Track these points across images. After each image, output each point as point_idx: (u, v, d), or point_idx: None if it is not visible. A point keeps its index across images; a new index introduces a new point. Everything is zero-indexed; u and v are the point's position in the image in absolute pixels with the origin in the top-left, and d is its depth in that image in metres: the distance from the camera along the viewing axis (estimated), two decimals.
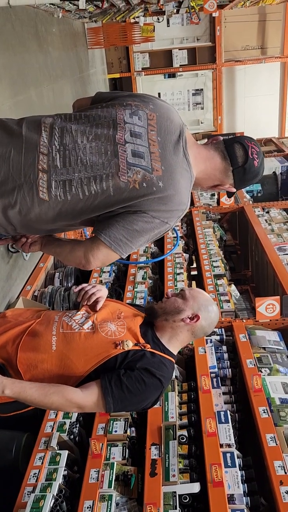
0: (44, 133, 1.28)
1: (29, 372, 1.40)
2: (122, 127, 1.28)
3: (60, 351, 1.40)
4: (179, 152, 1.31)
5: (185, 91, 9.31)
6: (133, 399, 1.36)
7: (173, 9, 5.93)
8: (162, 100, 1.40)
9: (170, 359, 1.45)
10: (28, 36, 3.85)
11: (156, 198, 1.26)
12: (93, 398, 1.34)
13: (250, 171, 1.38)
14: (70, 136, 1.27)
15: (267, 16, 8.84)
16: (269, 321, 2.46)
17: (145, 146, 1.27)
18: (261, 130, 8.23)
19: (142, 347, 1.40)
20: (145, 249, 3.36)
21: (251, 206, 4.14)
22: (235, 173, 1.38)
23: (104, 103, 1.35)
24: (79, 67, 6.09)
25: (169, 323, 1.47)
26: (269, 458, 1.64)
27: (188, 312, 1.46)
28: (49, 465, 1.69)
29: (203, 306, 1.49)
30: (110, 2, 4.34)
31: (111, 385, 1.33)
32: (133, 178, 1.24)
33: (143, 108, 1.32)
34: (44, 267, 3.29)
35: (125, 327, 1.44)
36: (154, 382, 1.37)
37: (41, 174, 1.24)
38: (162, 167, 1.27)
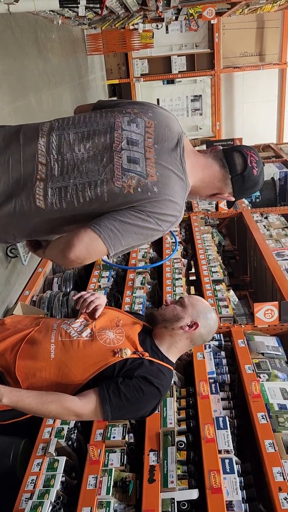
0: (41, 141, 1.28)
1: (28, 380, 1.40)
2: (119, 134, 1.28)
3: (58, 359, 1.39)
4: (175, 160, 1.31)
5: (183, 97, 9.36)
6: (131, 407, 1.35)
7: (172, 16, 5.98)
8: (163, 108, 1.40)
9: (168, 367, 1.44)
10: (27, 42, 3.87)
11: (151, 201, 1.26)
12: (91, 406, 1.33)
13: (249, 179, 1.37)
14: (68, 144, 1.27)
15: (265, 23, 8.91)
16: (268, 326, 2.46)
17: (141, 152, 1.27)
18: (259, 136, 8.27)
19: (141, 355, 1.40)
20: (144, 255, 3.36)
21: (249, 211, 4.15)
22: (233, 181, 1.37)
23: (104, 110, 1.36)
24: (78, 73, 6.12)
25: (168, 331, 1.47)
26: (268, 464, 1.64)
27: (187, 319, 1.46)
28: (47, 471, 1.68)
29: (202, 314, 1.48)
30: (110, 9, 4.37)
31: (109, 393, 1.33)
32: (128, 183, 1.24)
33: (142, 115, 1.32)
34: (42, 272, 3.29)
35: (124, 335, 1.44)
36: (152, 391, 1.36)
37: (38, 182, 1.25)
38: (157, 173, 1.27)
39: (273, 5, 5.96)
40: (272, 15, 8.28)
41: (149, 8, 4.53)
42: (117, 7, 4.32)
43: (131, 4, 4.23)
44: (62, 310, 2.89)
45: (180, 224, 4.05)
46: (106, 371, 1.37)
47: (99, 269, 3.21)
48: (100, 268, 3.22)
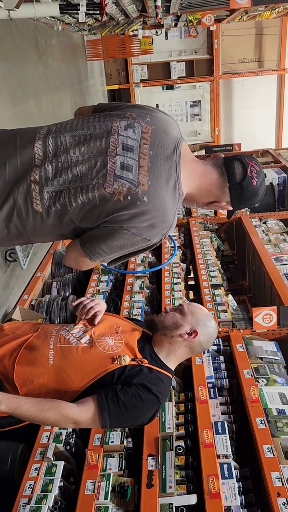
0: (38, 144, 1.28)
1: (26, 387, 1.39)
2: (115, 139, 1.27)
3: (57, 365, 1.39)
4: (170, 168, 1.29)
5: (183, 103, 9.40)
6: (129, 415, 1.35)
7: (171, 22, 6.02)
8: (163, 112, 1.39)
9: (167, 375, 1.44)
10: (28, 47, 3.90)
11: (139, 213, 1.24)
12: (89, 413, 1.33)
13: (248, 189, 1.34)
14: (64, 148, 1.28)
15: (264, 30, 8.97)
16: (266, 331, 2.46)
17: (135, 159, 1.26)
18: (258, 142, 8.31)
19: (139, 362, 1.39)
20: (143, 259, 3.37)
21: (248, 216, 4.16)
22: (231, 190, 1.35)
23: (102, 113, 1.35)
24: (78, 79, 6.15)
25: (167, 338, 1.46)
26: (266, 469, 1.63)
27: (186, 327, 1.46)
28: (45, 476, 1.67)
29: (201, 322, 1.48)
30: (110, 15, 4.40)
31: (108, 401, 1.32)
32: (119, 190, 1.24)
33: (140, 120, 1.31)
34: (41, 276, 3.29)
35: (123, 341, 1.44)
36: (151, 398, 1.36)
37: (33, 185, 1.25)
38: (149, 182, 1.25)
39: (271, 12, 6.00)
40: (270, 22, 8.35)
41: (148, 14, 4.56)
42: (117, 13, 4.35)
43: (131, 11, 4.26)
44: (61, 315, 2.89)
45: (179, 229, 4.06)
46: (104, 378, 1.36)
47: (98, 274, 3.21)
48: (99, 273, 3.22)
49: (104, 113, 1.36)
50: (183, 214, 4.38)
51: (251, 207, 4.96)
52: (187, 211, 4.49)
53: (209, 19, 4.81)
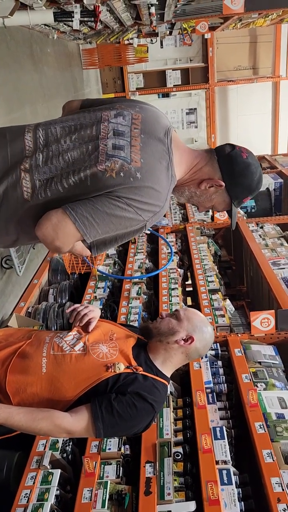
0: (28, 136, 1.28)
1: (18, 395, 1.37)
2: (105, 126, 1.27)
3: (50, 374, 1.36)
4: (162, 150, 1.28)
5: (179, 110, 9.46)
6: (124, 424, 1.32)
7: (166, 30, 6.06)
8: (151, 105, 1.39)
9: (163, 382, 1.41)
10: (23, 55, 3.91)
11: (132, 187, 1.21)
12: (82, 423, 1.30)
13: (237, 160, 1.32)
14: (54, 138, 1.27)
15: (258, 37, 9.06)
16: (264, 335, 2.44)
17: (127, 140, 1.25)
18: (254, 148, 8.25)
19: (134, 370, 1.37)
20: (140, 265, 3.36)
21: (245, 221, 4.16)
22: (220, 163, 1.33)
23: (91, 108, 1.35)
24: (74, 87, 6.18)
25: (162, 345, 1.44)
26: (266, 475, 1.60)
27: (182, 333, 1.43)
28: (41, 485, 1.64)
29: (198, 328, 1.45)
30: (104, 23, 4.43)
31: (102, 410, 1.30)
32: (111, 167, 1.21)
33: (129, 109, 1.31)
34: (38, 283, 3.27)
35: (117, 349, 1.41)
36: (146, 407, 1.33)
37: (23, 173, 1.23)
38: (142, 160, 1.23)
39: (265, 20, 6.06)
40: (264, 29, 8.43)
41: (143, 22, 4.59)
42: (112, 21, 4.37)
43: (125, 18, 4.28)
44: (58, 322, 2.87)
45: (176, 235, 4.06)
46: (98, 387, 1.34)
47: (95, 280, 3.20)
48: (96, 279, 3.20)
49: (93, 107, 1.35)
50: (180, 220, 4.38)
51: (248, 212, 4.97)
52: (184, 217, 4.49)
53: (203, 26, 4.85)
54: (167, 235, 3.97)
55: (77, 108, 1.43)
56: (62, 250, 1.27)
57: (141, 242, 3.77)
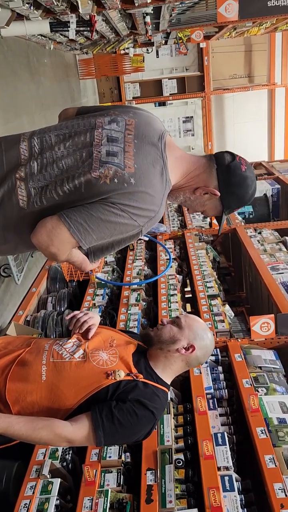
0: (23, 145, 1.28)
1: (18, 404, 1.35)
2: (99, 133, 1.27)
3: (50, 381, 1.35)
4: (156, 154, 1.28)
5: (175, 119, 9.54)
6: (124, 432, 1.30)
7: (162, 40, 6.13)
8: (145, 110, 1.40)
9: (163, 389, 1.40)
10: (20, 66, 3.95)
11: (127, 193, 1.21)
12: (83, 432, 1.28)
13: (236, 172, 1.33)
14: (49, 145, 1.27)
15: (253, 46, 9.17)
16: (265, 340, 2.43)
17: (120, 147, 1.25)
18: (251, 155, 8.38)
19: (134, 378, 1.35)
20: (139, 272, 3.35)
21: (243, 227, 4.17)
22: (219, 172, 1.33)
23: (86, 115, 1.36)
24: (71, 97, 6.22)
25: (163, 352, 1.42)
26: (269, 481, 1.58)
27: (183, 342, 1.42)
28: (41, 495, 1.62)
29: (198, 336, 1.44)
30: (100, 33, 4.48)
31: (102, 418, 1.28)
32: (105, 174, 1.21)
33: (123, 115, 1.32)
34: (36, 291, 3.26)
35: (117, 356, 1.40)
36: (147, 414, 1.32)
37: (18, 182, 1.24)
38: (135, 165, 1.24)
39: (259, 28, 6.13)
40: (259, 38, 8.53)
41: (138, 32, 4.64)
42: (107, 31, 4.42)
43: (121, 28, 4.33)
44: (57, 330, 2.85)
45: (174, 241, 4.06)
46: (99, 394, 1.33)
47: (94, 287, 3.19)
48: (95, 286, 3.19)
49: (88, 114, 1.36)
50: (178, 227, 4.38)
51: (246, 218, 4.98)
52: (182, 224, 4.50)
53: (198, 35, 4.91)
54: (166, 242, 3.97)
55: (73, 115, 1.44)
56: (58, 257, 1.27)
57: (139, 249, 3.77)
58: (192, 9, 4.56)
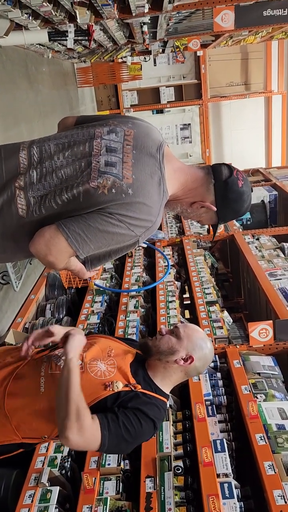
0: (23, 153, 1.29)
1: (17, 415, 1.36)
2: (98, 143, 1.28)
3: (48, 393, 1.35)
4: (154, 165, 1.29)
5: (173, 126, 9.59)
6: (128, 436, 1.30)
7: (159, 48, 6.18)
8: (144, 120, 1.41)
9: (162, 400, 1.40)
10: (18, 74, 3.98)
11: (124, 203, 1.23)
12: (93, 429, 1.26)
13: (233, 188, 1.35)
14: (48, 155, 1.28)
15: (249, 54, 9.25)
16: (263, 346, 2.43)
17: (119, 157, 1.27)
18: (248, 162, 8.44)
19: (133, 388, 1.35)
20: (137, 278, 3.35)
21: (241, 233, 4.18)
22: (216, 187, 1.35)
23: (85, 124, 1.37)
24: (69, 105, 6.26)
25: (162, 363, 1.42)
26: (268, 487, 1.58)
27: (182, 353, 1.42)
28: (40, 503, 1.61)
29: (197, 347, 1.43)
30: (98, 42, 4.52)
31: (108, 419, 1.29)
32: (103, 184, 1.22)
33: (121, 126, 1.33)
34: (35, 299, 3.26)
35: (115, 366, 1.40)
36: (148, 423, 1.33)
37: (18, 191, 1.25)
38: (133, 176, 1.25)
39: (255, 37, 6.20)
40: (255, 46, 8.61)
41: (136, 40, 4.68)
42: (105, 40, 4.46)
43: (118, 37, 4.37)
44: None
45: (172, 248, 4.07)
46: (98, 405, 1.33)
47: (92, 294, 3.19)
48: (93, 293, 3.19)
49: (87, 124, 1.38)
50: (176, 233, 4.39)
51: (244, 224, 5.00)
52: (180, 230, 4.51)
53: (195, 44, 4.96)
54: (164, 249, 3.98)
55: (72, 124, 1.45)
56: (56, 266, 1.28)
57: (138, 255, 3.78)
58: (189, 18, 4.61)
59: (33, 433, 1.39)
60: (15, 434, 1.38)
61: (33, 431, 1.39)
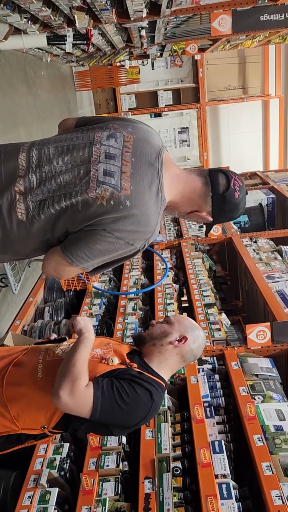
0: (22, 156, 1.30)
1: (16, 404, 1.37)
2: (97, 149, 1.29)
3: (45, 379, 1.37)
4: (152, 174, 1.30)
5: (171, 129, 9.63)
6: (121, 401, 1.30)
7: (157, 52, 6.22)
8: (144, 123, 1.42)
9: (159, 381, 1.41)
10: (17, 79, 4.00)
11: (122, 217, 1.25)
12: (86, 392, 1.28)
13: (230, 201, 1.37)
14: (47, 158, 1.29)
15: (247, 58, 9.31)
16: (261, 348, 2.44)
17: (118, 166, 1.28)
18: (246, 165, 8.48)
19: (128, 366, 1.38)
20: (135, 281, 3.37)
21: (238, 236, 4.20)
22: (214, 200, 1.36)
23: (85, 127, 1.38)
24: (67, 108, 6.29)
25: (157, 348, 1.45)
26: (266, 488, 1.59)
27: (175, 334, 1.45)
28: (39, 504, 1.61)
29: (189, 328, 1.48)
30: (96, 46, 4.54)
31: (103, 384, 1.30)
32: (101, 195, 1.25)
33: (121, 130, 1.34)
34: (33, 301, 3.27)
35: (112, 350, 1.44)
36: (144, 392, 1.33)
37: (17, 196, 1.26)
38: (131, 187, 1.27)
39: (252, 41, 6.23)
40: (252, 50, 8.67)
41: (134, 44, 4.71)
42: (103, 44, 4.49)
43: (116, 41, 4.40)
44: None
45: (170, 251, 4.08)
46: None
47: (91, 297, 3.20)
48: (92, 296, 3.21)
49: (87, 126, 1.38)
50: (175, 236, 4.41)
51: (242, 227, 5.03)
52: (178, 233, 4.53)
53: (193, 48, 4.99)
54: (162, 251, 4.00)
55: (72, 126, 1.45)
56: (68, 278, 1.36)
57: (136, 258, 3.79)
58: (187, 23, 4.64)
59: (32, 422, 1.39)
60: (14, 424, 1.38)
61: (32, 421, 1.38)
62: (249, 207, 5.11)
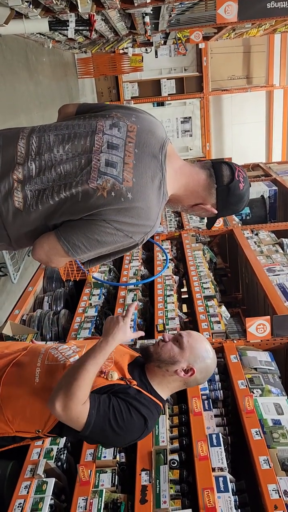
0: (21, 142, 1.26)
1: (11, 404, 1.35)
2: (100, 138, 1.25)
3: (43, 384, 1.35)
4: (155, 166, 1.26)
5: (173, 119, 9.54)
6: (114, 423, 1.26)
7: (161, 40, 6.14)
8: (148, 113, 1.38)
9: (156, 402, 1.36)
10: (18, 65, 3.94)
11: (122, 209, 1.21)
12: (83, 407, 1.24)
13: (235, 193, 1.33)
14: (47, 146, 1.25)
15: (252, 47, 9.19)
16: (260, 341, 2.43)
17: (120, 156, 1.24)
18: (248, 156, 8.41)
19: (128, 383, 1.34)
20: (135, 272, 3.35)
21: (240, 228, 4.17)
22: (218, 192, 1.33)
23: (87, 114, 1.34)
24: (69, 96, 6.22)
25: (161, 371, 1.39)
26: (263, 482, 1.59)
27: (183, 364, 1.38)
28: (35, 494, 1.62)
29: (200, 359, 1.39)
30: (99, 32, 4.47)
31: (99, 401, 1.27)
32: (103, 186, 1.20)
33: (125, 119, 1.29)
34: (33, 291, 3.25)
35: (113, 361, 1.39)
36: (139, 418, 1.29)
37: (16, 184, 1.23)
38: (134, 179, 1.22)
39: (258, 30, 6.14)
40: (258, 39, 8.55)
41: (137, 32, 4.64)
42: (106, 30, 4.42)
43: (120, 28, 4.33)
44: (52, 329, 2.85)
45: (171, 242, 4.06)
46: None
47: (90, 287, 3.19)
48: (91, 286, 3.19)
49: (89, 113, 1.34)
50: (176, 227, 4.38)
51: (243, 219, 5.00)
52: (179, 225, 4.50)
53: (197, 36, 4.91)
54: (163, 242, 3.98)
55: (73, 113, 1.40)
56: (56, 267, 1.30)
57: (136, 249, 3.77)
58: (192, 9, 4.56)
59: (27, 426, 1.37)
60: (8, 426, 1.37)
61: (27, 424, 1.37)
62: (251, 199, 5.07)
